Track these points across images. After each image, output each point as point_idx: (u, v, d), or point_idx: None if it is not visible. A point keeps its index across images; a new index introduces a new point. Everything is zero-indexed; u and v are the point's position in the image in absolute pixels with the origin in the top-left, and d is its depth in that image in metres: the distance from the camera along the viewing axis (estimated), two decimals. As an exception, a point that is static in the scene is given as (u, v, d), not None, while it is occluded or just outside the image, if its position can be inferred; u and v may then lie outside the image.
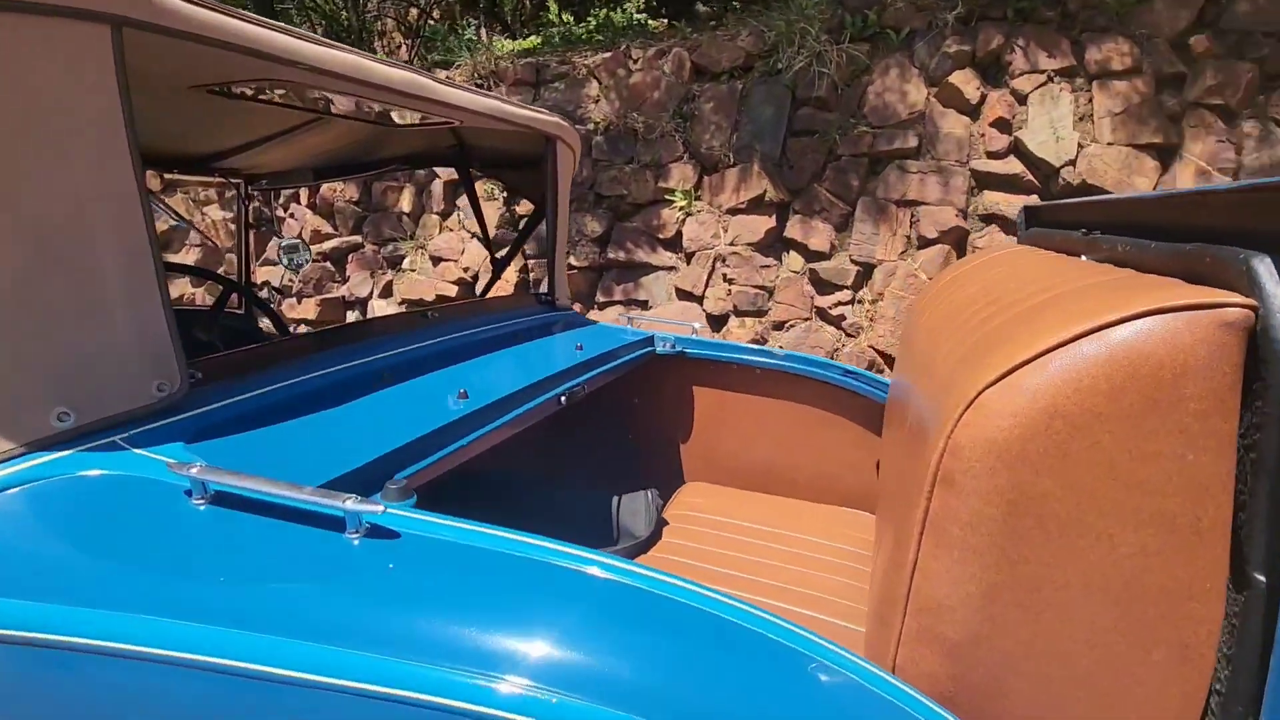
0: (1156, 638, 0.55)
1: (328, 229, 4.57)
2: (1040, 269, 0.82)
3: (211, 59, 0.86)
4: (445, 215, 4.33)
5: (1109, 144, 3.09)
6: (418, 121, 1.84)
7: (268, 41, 0.84)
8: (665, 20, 5.19)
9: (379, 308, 4.38)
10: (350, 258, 4.48)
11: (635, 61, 3.97)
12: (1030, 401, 0.55)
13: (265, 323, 2.25)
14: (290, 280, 4.30)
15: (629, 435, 1.85)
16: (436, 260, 4.25)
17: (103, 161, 0.66)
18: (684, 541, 1.37)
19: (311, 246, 4.34)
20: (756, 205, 3.51)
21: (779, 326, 3.45)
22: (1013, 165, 3.17)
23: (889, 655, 0.65)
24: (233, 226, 3.35)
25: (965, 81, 3.26)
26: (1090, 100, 3.14)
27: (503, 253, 2.19)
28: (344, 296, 4.42)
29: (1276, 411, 0.48)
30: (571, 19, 6.03)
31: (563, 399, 1.26)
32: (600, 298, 3.87)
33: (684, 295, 3.66)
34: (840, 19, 3.51)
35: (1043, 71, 3.20)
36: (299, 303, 4.45)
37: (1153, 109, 3.08)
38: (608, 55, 4.03)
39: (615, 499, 1.46)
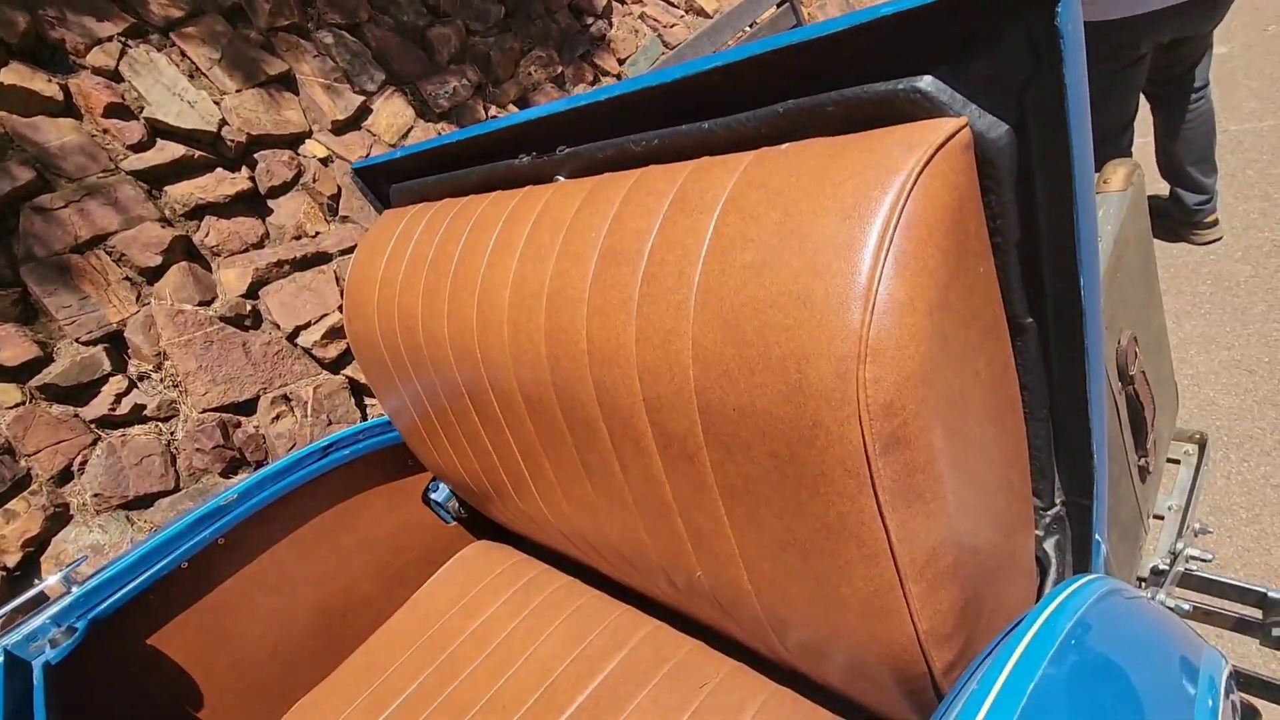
0: (1015, 417, 0.63)
1: None
2: (607, 201, 0.71)
3: None
4: None
5: (238, 90, 2.92)
6: None
7: None
8: None
9: None
10: None
11: None
12: (915, 315, 0.49)
13: None
14: None
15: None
16: None
17: None
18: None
19: None
20: None
21: (65, 478, 2.39)
22: (170, 149, 2.71)
23: (907, 634, 0.58)
24: None
25: (29, 79, 2.48)
26: (184, 54, 2.84)
27: None
28: None
29: (1010, 195, 0.55)
30: None
31: None
32: None
33: None
34: None
35: (109, 39, 2.68)
36: None
37: (244, 45, 2.99)
38: None
39: None
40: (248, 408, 2.71)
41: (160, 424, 2.57)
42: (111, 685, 1.06)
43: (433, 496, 1.40)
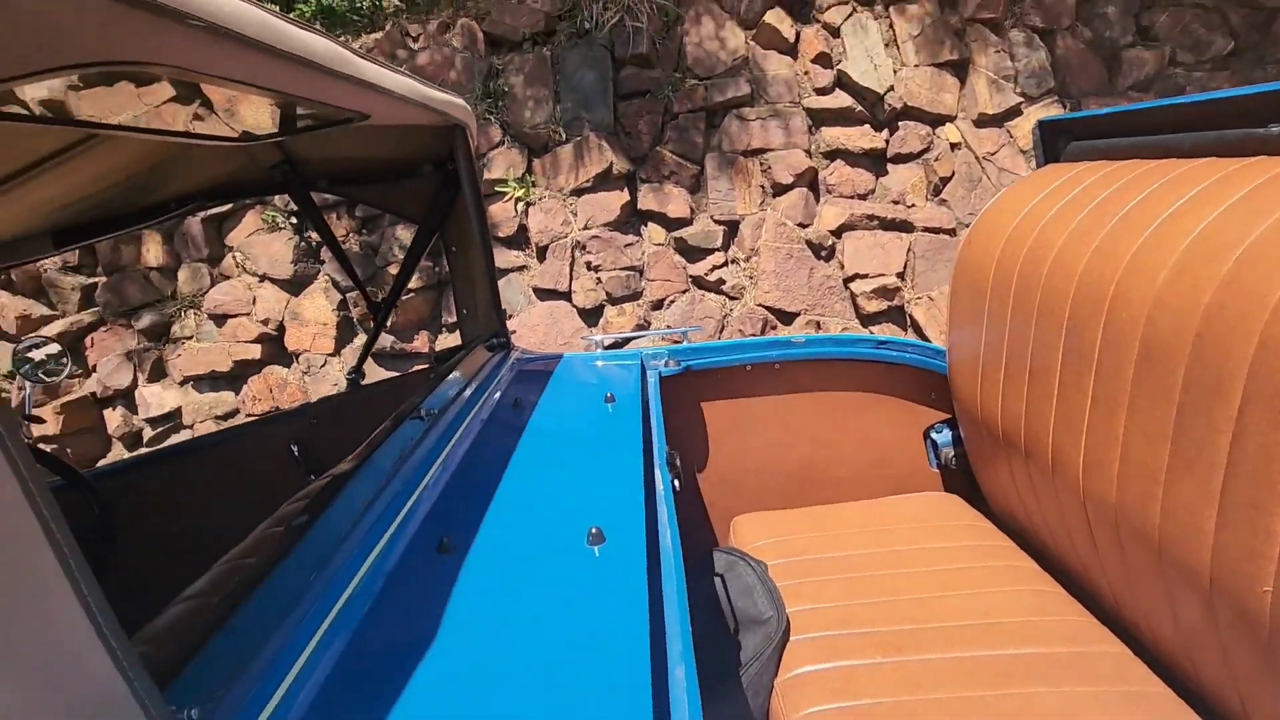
0: None
1: (40, 310, 3.41)
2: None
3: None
4: (214, 260, 3.43)
5: (915, 66, 3.23)
6: (238, 135, 1.26)
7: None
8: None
9: (155, 395, 3.38)
10: (87, 342, 3.39)
11: (415, 39, 3.40)
12: None
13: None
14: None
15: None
16: (221, 319, 3.35)
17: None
18: (815, 602, 1.07)
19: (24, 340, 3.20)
20: (604, 181, 3.20)
21: (658, 305, 3.21)
22: (841, 99, 3.20)
23: None
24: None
25: (779, 21, 3.21)
26: (892, 26, 3.26)
27: (383, 295, 1.68)
28: (95, 393, 3.34)
29: None
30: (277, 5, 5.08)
31: (676, 483, 0.89)
32: (447, 319, 3.33)
33: (546, 295, 3.26)
34: (639, -32, 3.26)
35: (846, 3, 3.24)
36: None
37: (941, 29, 3.27)
38: (378, 36, 3.40)
39: (717, 580, 1.12)
40: (786, 318, 3.17)
41: (727, 300, 3.21)
42: (681, 410, 1.47)
43: (934, 435, 1.48)
